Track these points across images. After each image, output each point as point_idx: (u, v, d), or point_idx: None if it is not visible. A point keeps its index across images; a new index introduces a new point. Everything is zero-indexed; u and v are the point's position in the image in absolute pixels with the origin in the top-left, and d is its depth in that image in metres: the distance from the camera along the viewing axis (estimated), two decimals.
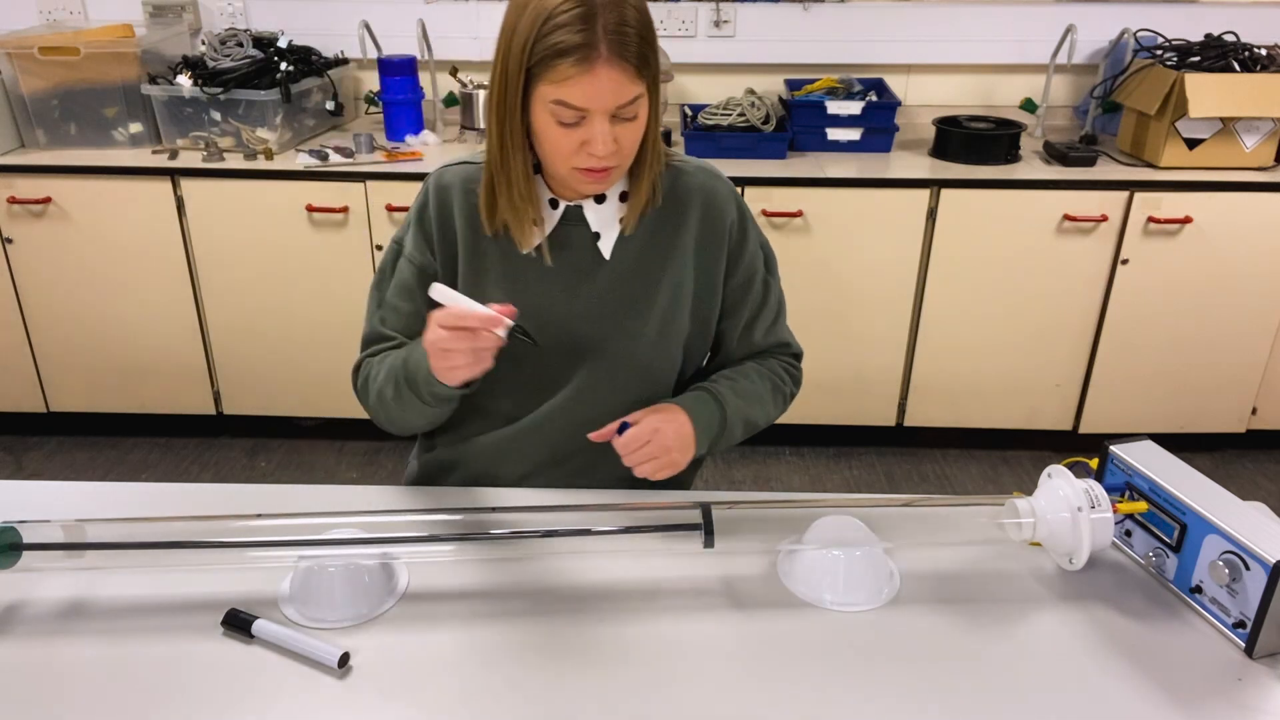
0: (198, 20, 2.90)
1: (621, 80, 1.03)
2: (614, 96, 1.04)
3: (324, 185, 2.48)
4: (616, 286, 1.22)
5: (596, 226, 1.20)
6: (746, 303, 1.29)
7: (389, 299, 1.25)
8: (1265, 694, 0.91)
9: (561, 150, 1.08)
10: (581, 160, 1.09)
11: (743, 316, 1.30)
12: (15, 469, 2.79)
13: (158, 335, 2.68)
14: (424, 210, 1.23)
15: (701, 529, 1.03)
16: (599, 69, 1.02)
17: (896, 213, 2.50)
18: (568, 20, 1.01)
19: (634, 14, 1.04)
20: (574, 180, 1.12)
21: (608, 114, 1.05)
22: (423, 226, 1.23)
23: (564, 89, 1.03)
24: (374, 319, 1.27)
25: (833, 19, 2.85)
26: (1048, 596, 1.04)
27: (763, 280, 1.30)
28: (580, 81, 1.02)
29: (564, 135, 1.07)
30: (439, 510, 1.19)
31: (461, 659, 0.93)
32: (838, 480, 2.73)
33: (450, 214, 1.21)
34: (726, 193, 1.26)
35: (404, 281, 1.24)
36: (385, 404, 1.20)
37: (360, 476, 2.74)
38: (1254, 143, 2.47)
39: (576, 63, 1.01)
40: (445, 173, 1.23)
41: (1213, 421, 2.75)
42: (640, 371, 1.25)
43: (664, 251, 1.23)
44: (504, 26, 1.07)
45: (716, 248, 1.25)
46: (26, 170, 2.51)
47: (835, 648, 0.97)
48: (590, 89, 1.03)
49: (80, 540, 1.01)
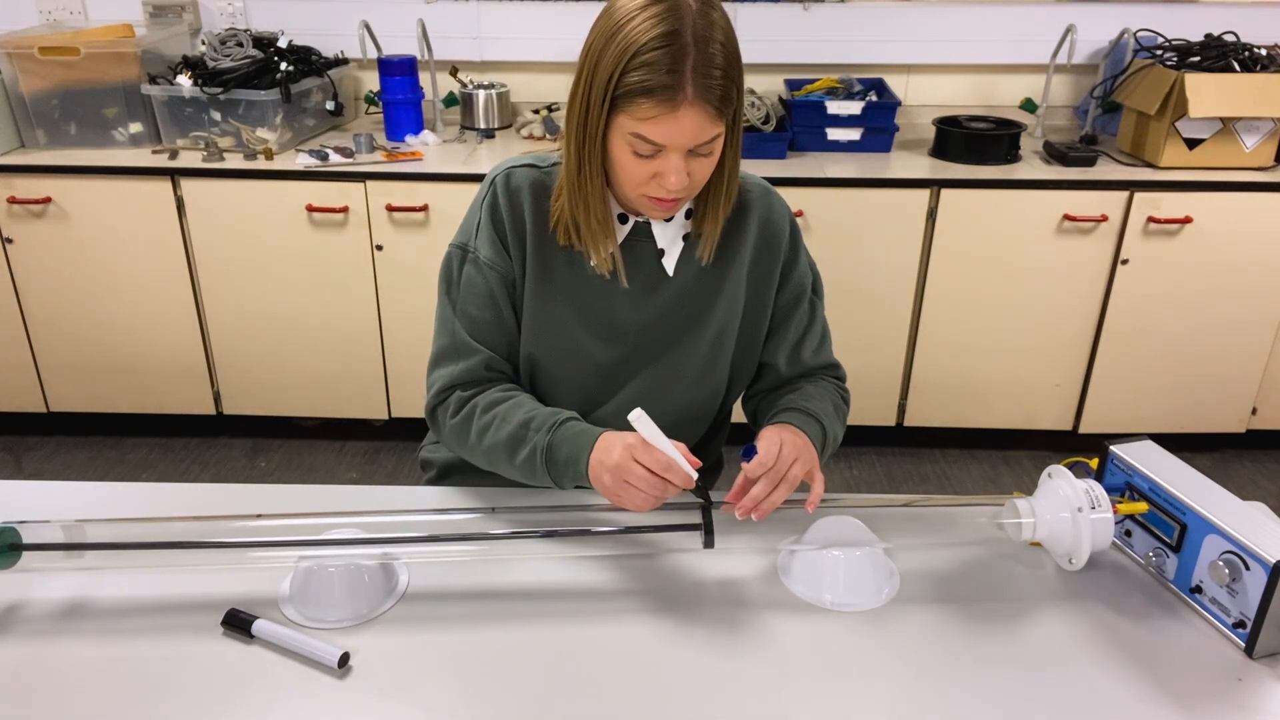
0: (198, 20, 2.90)
1: (702, 122, 1.02)
2: (693, 137, 1.03)
3: (324, 185, 2.48)
4: (677, 302, 1.22)
5: (662, 243, 1.20)
6: (793, 320, 1.29)
7: (464, 308, 1.20)
8: (1265, 694, 0.91)
9: (634, 178, 1.08)
10: (652, 189, 1.08)
11: (790, 336, 1.29)
12: (15, 469, 2.79)
13: (158, 335, 2.68)
14: (495, 211, 1.19)
15: (701, 529, 1.03)
16: (682, 111, 1.00)
17: (896, 213, 2.50)
18: (655, 60, 0.99)
19: (721, 53, 1.01)
20: (641, 205, 1.13)
21: (684, 151, 1.04)
22: (496, 228, 1.19)
23: (645, 126, 1.02)
24: (452, 328, 1.21)
25: (833, 19, 2.85)
26: (1048, 596, 1.04)
27: (809, 300, 1.30)
28: (662, 121, 1.01)
29: (638, 165, 1.06)
30: (439, 510, 1.19)
31: (461, 659, 0.93)
32: (838, 480, 2.73)
33: (522, 216, 1.18)
34: (782, 210, 1.27)
35: (479, 289, 1.20)
36: (492, 455, 1.16)
37: (360, 476, 2.74)
38: (1254, 143, 2.47)
39: (660, 103, 1.00)
40: (515, 174, 1.20)
41: (1213, 421, 2.75)
42: (690, 385, 1.26)
43: (723, 269, 1.23)
44: (588, 49, 1.05)
45: (770, 265, 1.26)
46: (26, 170, 2.50)
47: (835, 648, 0.97)
48: (671, 129, 1.02)
49: (80, 540, 1.01)
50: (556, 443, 1.11)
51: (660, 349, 1.23)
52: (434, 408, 1.22)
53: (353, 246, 2.55)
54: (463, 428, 1.18)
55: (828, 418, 1.23)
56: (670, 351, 1.23)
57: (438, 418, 1.23)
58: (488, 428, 1.16)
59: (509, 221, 1.18)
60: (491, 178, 1.21)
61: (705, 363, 1.25)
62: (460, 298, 1.21)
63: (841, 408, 1.31)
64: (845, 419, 1.31)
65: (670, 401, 1.24)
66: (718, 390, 1.30)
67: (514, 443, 1.14)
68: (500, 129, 2.81)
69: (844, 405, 1.32)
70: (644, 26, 0.99)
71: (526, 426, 1.13)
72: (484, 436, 1.16)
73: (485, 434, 1.16)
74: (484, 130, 2.79)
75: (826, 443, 1.22)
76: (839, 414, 1.29)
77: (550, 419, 1.13)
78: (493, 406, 1.17)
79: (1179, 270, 2.53)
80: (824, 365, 1.33)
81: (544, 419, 1.13)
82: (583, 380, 1.24)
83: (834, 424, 1.25)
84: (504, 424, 1.15)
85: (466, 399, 1.19)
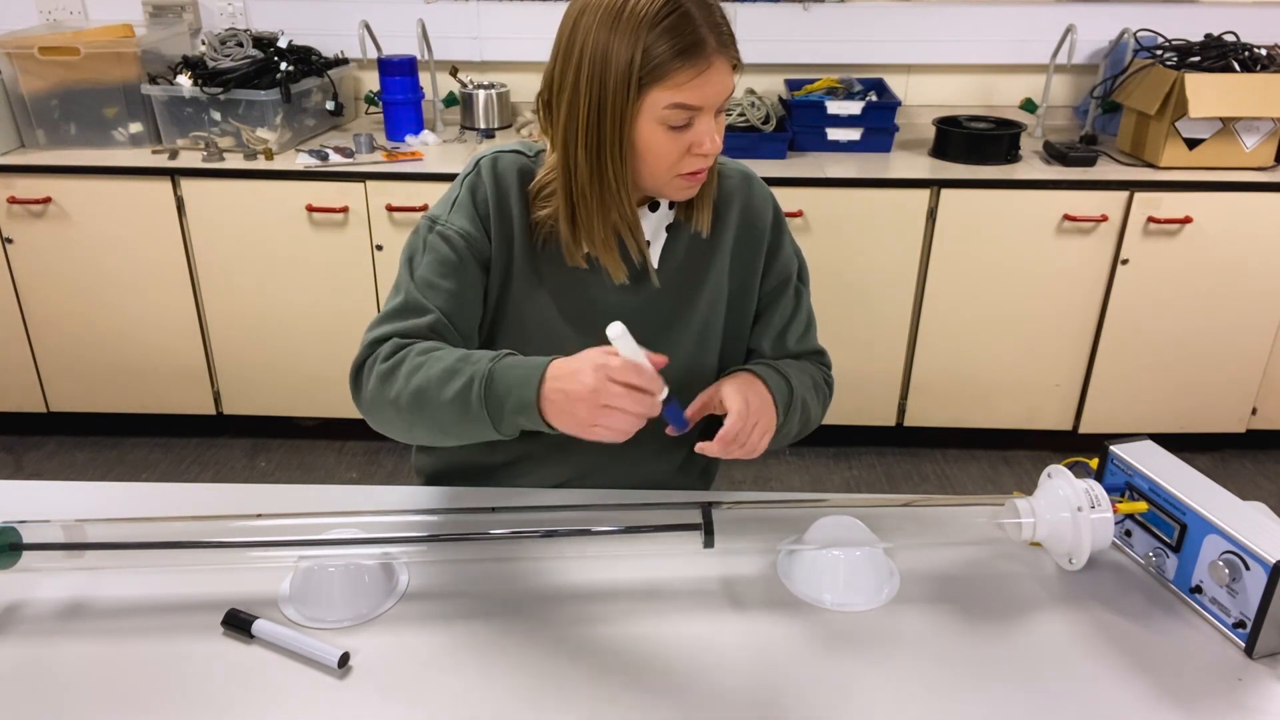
0: (198, 20, 2.90)
1: (728, 72, 1.05)
2: (725, 89, 1.05)
3: (324, 185, 2.48)
4: (661, 294, 1.21)
5: (648, 234, 1.19)
6: (778, 307, 1.28)
7: (423, 274, 1.14)
8: (1265, 694, 0.91)
9: (667, 158, 1.07)
10: (687, 165, 1.08)
11: (774, 322, 1.29)
12: (15, 469, 2.79)
13: (158, 335, 2.68)
14: (478, 189, 1.16)
15: (701, 529, 1.03)
16: (714, 63, 1.03)
17: (896, 213, 2.50)
18: (672, 24, 1.00)
19: (717, 6, 1.05)
20: (673, 188, 1.12)
21: (715, 110, 1.06)
22: (476, 206, 1.15)
23: (683, 91, 1.02)
24: (407, 289, 1.14)
25: (833, 19, 2.85)
26: (1048, 596, 1.04)
27: (795, 287, 1.29)
28: (699, 81, 1.02)
29: (671, 142, 1.06)
30: (439, 510, 1.19)
31: (461, 659, 0.93)
32: (838, 480, 2.73)
33: (509, 202, 1.16)
34: (764, 195, 1.26)
35: (444, 257, 1.14)
36: (420, 397, 1.04)
37: (360, 476, 2.74)
38: (1254, 143, 2.47)
39: (693, 63, 1.01)
40: (503, 159, 1.17)
41: (1213, 421, 2.75)
42: (678, 380, 1.19)
43: (705, 258, 1.23)
44: (588, 55, 1.03)
45: (754, 251, 1.25)
46: (26, 170, 2.50)
47: (835, 648, 0.97)
48: (708, 86, 1.03)
49: (80, 540, 1.01)
50: (499, 371, 1.01)
51: (644, 343, 1.20)
52: (361, 362, 1.12)
53: (353, 246, 2.55)
54: (391, 371, 1.07)
55: (801, 385, 1.21)
56: (655, 345, 1.14)
57: (363, 372, 1.11)
58: (419, 367, 1.05)
59: (493, 204, 1.15)
60: (477, 159, 1.18)
61: (691, 356, 1.24)
62: (421, 265, 1.15)
63: (822, 387, 1.30)
64: (826, 401, 1.30)
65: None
66: (706, 383, 1.26)
67: (448, 375, 1.03)
68: (500, 129, 2.81)
69: (825, 387, 1.31)
70: (644, 3, 1.01)
71: (464, 360, 1.04)
72: (414, 375, 1.05)
73: (416, 373, 1.05)
74: (484, 130, 2.79)
75: (793, 402, 1.18)
76: (818, 392, 1.28)
77: (492, 352, 1.05)
78: (428, 351, 1.07)
79: (1179, 270, 2.53)
80: (809, 351, 1.33)
81: (484, 353, 1.05)
82: None
83: (806, 392, 1.22)
84: (438, 361, 1.05)
85: (401, 345, 1.09)
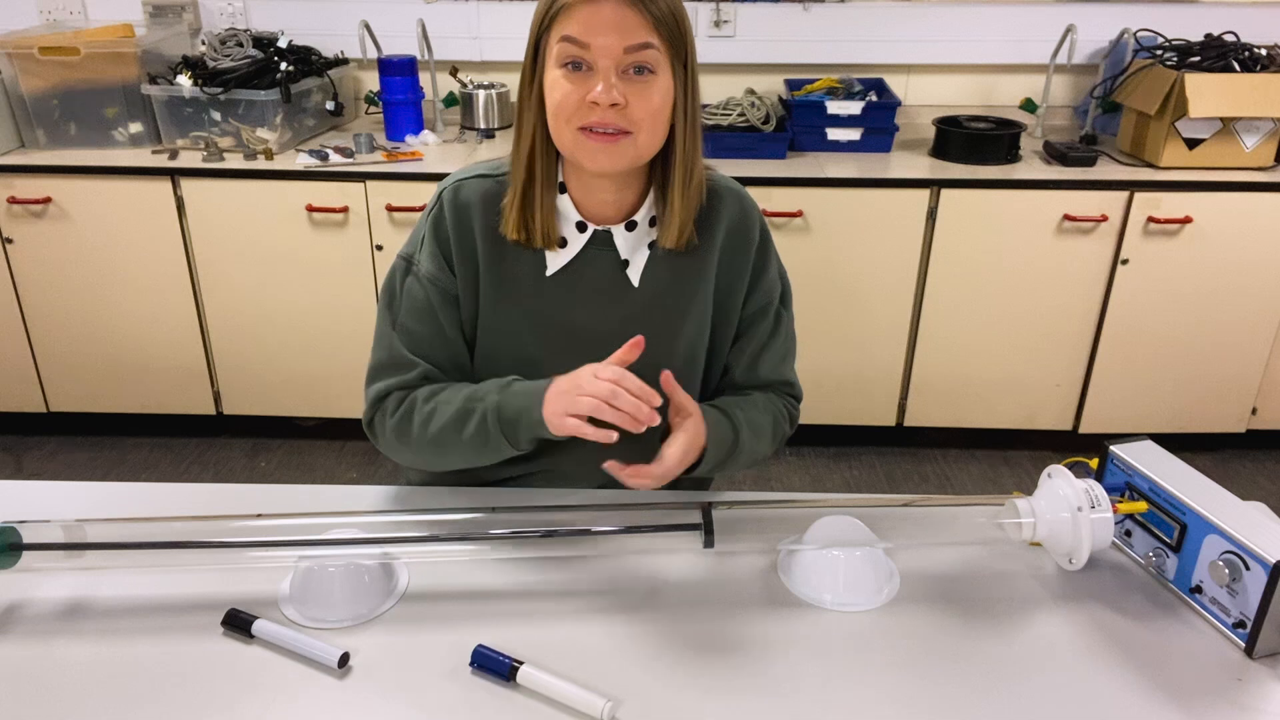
0: (198, 20, 2.90)
1: (628, 16, 1.01)
2: (618, 33, 1.01)
3: (324, 185, 2.48)
4: (643, 314, 1.18)
5: (625, 254, 1.17)
6: (756, 331, 1.25)
7: (404, 321, 1.18)
8: (1265, 694, 0.91)
9: (567, 107, 1.04)
10: (585, 116, 1.04)
11: (750, 346, 1.25)
12: (15, 469, 2.79)
13: (158, 335, 2.68)
14: (440, 226, 1.16)
15: (701, 529, 1.03)
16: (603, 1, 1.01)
17: (896, 213, 2.50)
18: None
19: None
20: (580, 150, 1.07)
21: (614, 58, 1.02)
22: (439, 244, 1.16)
23: (571, 22, 1.01)
24: (389, 342, 1.19)
25: (833, 19, 2.85)
26: (1048, 596, 1.04)
27: (775, 311, 1.26)
28: (587, 12, 1.01)
29: (571, 88, 1.03)
30: (439, 510, 1.19)
31: (461, 659, 0.93)
32: (838, 480, 2.73)
33: (470, 232, 1.15)
34: (751, 212, 1.23)
35: (420, 302, 1.17)
36: (440, 441, 1.13)
37: (360, 476, 2.74)
38: (1254, 143, 2.47)
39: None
40: (463, 188, 1.16)
41: (1213, 421, 2.75)
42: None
43: (691, 278, 1.19)
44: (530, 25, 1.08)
45: (739, 272, 1.22)
46: (26, 170, 2.50)
47: (835, 648, 0.97)
48: (594, 18, 1.01)
49: (80, 540, 1.01)
50: (506, 400, 1.10)
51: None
52: (371, 418, 1.20)
53: (353, 246, 2.55)
54: (404, 424, 1.16)
55: (751, 430, 1.20)
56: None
57: (375, 427, 1.20)
58: (431, 415, 1.14)
59: (455, 238, 1.15)
60: (439, 191, 1.17)
61: (677, 376, 1.16)
62: (401, 310, 1.18)
63: (781, 427, 1.27)
64: (780, 439, 1.27)
65: None
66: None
67: (461, 417, 1.12)
68: (500, 129, 2.81)
69: (785, 426, 1.28)
70: None
71: (471, 399, 1.12)
72: (429, 425, 1.14)
73: (430, 422, 1.14)
74: (484, 130, 2.79)
75: (738, 452, 1.18)
76: (775, 432, 1.25)
77: (494, 383, 1.13)
78: (433, 396, 1.15)
79: (1179, 270, 2.53)
80: (780, 381, 1.29)
81: (487, 386, 1.13)
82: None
83: (754, 440, 1.21)
84: (447, 405, 1.13)
85: (403, 397, 1.17)
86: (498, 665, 0.91)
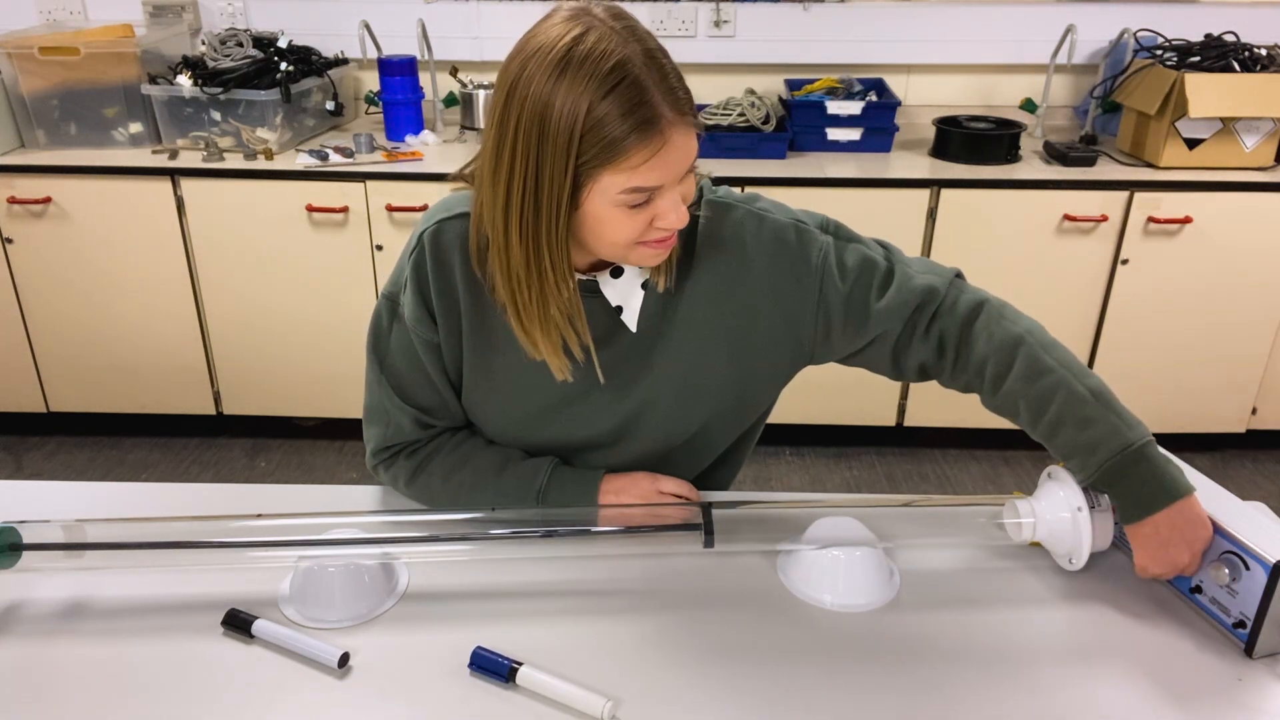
0: (198, 20, 2.90)
1: (689, 139, 0.93)
2: (687, 159, 0.94)
3: (324, 185, 2.48)
4: (632, 355, 1.11)
5: (616, 300, 1.09)
6: (886, 322, 1.11)
7: (391, 364, 1.14)
8: (1265, 694, 0.91)
9: (626, 235, 0.96)
10: (650, 235, 0.97)
11: (891, 335, 1.12)
12: (15, 469, 2.79)
13: (158, 335, 2.68)
14: (420, 271, 1.08)
15: (701, 529, 1.03)
16: (671, 139, 0.90)
17: (896, 213, 2.50)
18: (622, 94, 0.88)
19: (669, 61, 0.92)
20: (633, 257, 1.00)
21: (678, 181, 0.95)
22: (420, 293, 1.09)
23: (640, 174, 0.91)
24: (377, 388, 1.15)
25: (833, 19, 2.85)
26: (1048, 596, 1.04)
27: (884, 273, 1.13)
28: (655, 161, 0.90)
29: (631, 221, 0.94)
30: (439, 510, 1.19)
31: (461, 659, 0.93)
32: (838, 480, 2.73)
33: (452, 280, 1.08)
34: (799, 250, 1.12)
35: (405, 347, 1.13)
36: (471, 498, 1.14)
37: (360, 476, 2.74)
38: (1254, 143, 2.47)
39: (648, 142, 0.89)
40: (443, 231, 1.08)
41: (1213, 421, 2.75)
42: (653, 437, 1.16)
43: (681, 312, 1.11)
44: (520, 130, 0.91)
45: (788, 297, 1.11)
46: (26, 170, 2.51)
47: (835, 648, 0.97)
48: (666, 164, 0.91)
49: (80, 540, 1.01)
50: (552, 493, 1.13)
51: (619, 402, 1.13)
52: (374, 467, 1.20)
53: (353, 246, 2.55)
54: (420, 479, 1.17)
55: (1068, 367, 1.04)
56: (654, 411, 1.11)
57: (380, 474, 1.20)
58: (460, 487, 1.16)
59: (435, 288, 1.08)
60: (419, 232, 1.09)
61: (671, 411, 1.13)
62: (387, 353, 1.14)
63: (1057, 348, 1.07)
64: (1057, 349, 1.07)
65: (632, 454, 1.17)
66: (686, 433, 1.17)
67: (501, 492, 1.14)
68: None
69: (1008, 312, 1.13)
70: (590, 54, 0.88)
71: (508, 476, 1.15)
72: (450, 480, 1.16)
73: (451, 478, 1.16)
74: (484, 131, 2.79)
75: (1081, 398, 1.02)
76: (1027, 329, 1.09)
77: (534, 467, 1.15)
78: (453, 472, 1.16)
79: (1179, 270, 2.53)
80: (943, 294, 1.13)
81: (528, 471, 1.15)
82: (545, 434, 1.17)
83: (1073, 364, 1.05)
84: (479, 481, 1.15)
85: (413, 449, 1.17)
86: (496, 667, 0.91)
